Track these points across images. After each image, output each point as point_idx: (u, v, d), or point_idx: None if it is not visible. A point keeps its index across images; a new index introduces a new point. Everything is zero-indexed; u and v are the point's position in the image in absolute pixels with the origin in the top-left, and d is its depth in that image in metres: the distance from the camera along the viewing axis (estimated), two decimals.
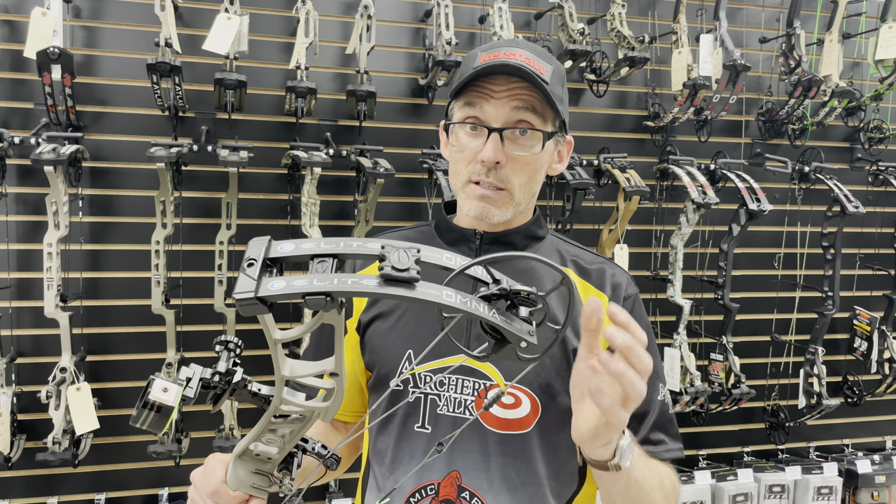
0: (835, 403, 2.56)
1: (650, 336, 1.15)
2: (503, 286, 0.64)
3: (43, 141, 1.97)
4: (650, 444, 1.09)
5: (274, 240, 0.63)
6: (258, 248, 0.61)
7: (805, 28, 2.61)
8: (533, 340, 0.64)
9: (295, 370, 0.70)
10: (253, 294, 0.57)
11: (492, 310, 0.63)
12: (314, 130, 2.32)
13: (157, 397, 0.75)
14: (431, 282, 0.60)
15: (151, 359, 2.16)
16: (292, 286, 0.57)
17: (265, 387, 0.80)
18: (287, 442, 0.80)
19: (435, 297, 0.59)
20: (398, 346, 1.10)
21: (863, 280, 2.83)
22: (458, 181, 1.10)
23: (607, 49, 2.48)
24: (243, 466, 0.84)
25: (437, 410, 1.07)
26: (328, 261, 0.61)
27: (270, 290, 0.57)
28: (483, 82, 1.05)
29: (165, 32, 1.96)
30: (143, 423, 0.76)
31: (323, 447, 0.85)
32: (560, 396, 1.08)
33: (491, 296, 0.64)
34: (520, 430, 1.07)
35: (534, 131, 1.06)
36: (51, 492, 2.15)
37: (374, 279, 0.58)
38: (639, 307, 1.16)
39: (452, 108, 1.12)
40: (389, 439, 1.10)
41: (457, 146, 1.09)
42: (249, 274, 0.58)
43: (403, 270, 0.58)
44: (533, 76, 1.02)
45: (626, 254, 2.40)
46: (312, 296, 0.57)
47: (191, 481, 0.89)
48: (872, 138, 2.82)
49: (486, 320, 0.62)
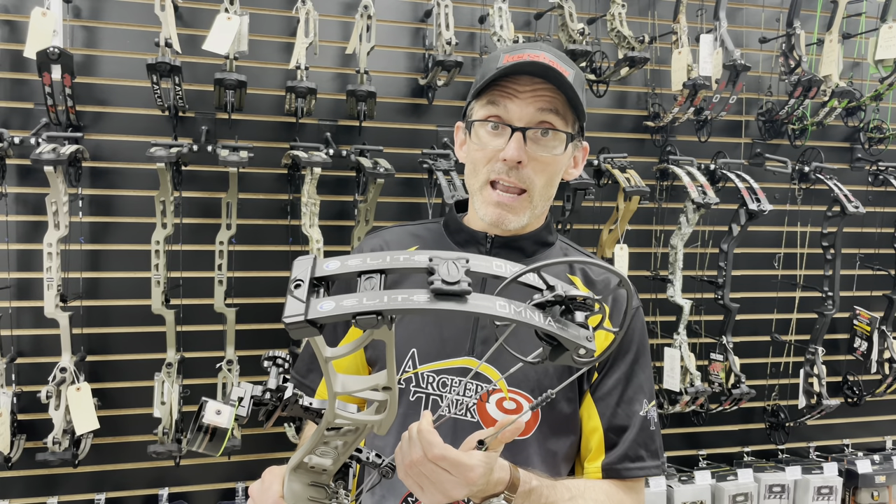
0: (835, 403, 2.56)
1: (642, 352, 1.15)
2: (558, 293, 0.63)
3: (43, 141, 1.97)
4: (628, 461, 1.09)
5: (318, 258, 0.62)
6: (304, 267, 0.60)
7: (805, 28, 2.61)
8: (591, 346, 0.62)
9: (347, 386, 0.69)
10: (303, 317, 0.56)
11: (547, 317, 0.61)
12: (314, 130, 2.32)
13: (211, 420, 0.74)
14: None
15: (151, 359, 2.15)
16: (342, 307, 0.56)
17: (316, 401, 0.80)
18: (341, 453, 0.80)
19: (489, 308, 0.57)
20: (402, 345, 1.10)
21: (863, 280, 2.83)
22: (477, 182, 1.09)
23: (607, 49, 2.48)
24: (298, 480, 0.84)
25: (438, 411, 1.07)
26: (376, 277, 0.59)
27: (320, 312, 0.56)
28: (506, 82, 1.05)
29: (165, 32, 1.96)
30: (199, 447, 0.76)
31: (377, 456, 0.87)
32: (560, 404, 1.09)
33: (545, 303, 0.63)
34: (519, 437, 1.07)
35: (556, 132, 1.06)
36: (51, 492, 2.15)
37: (425, 294, 0.56)
38: (637, 321, 1.16)
39: (472, 107, 1.11)
40: (388, 438, 1.10)
41: (477, 144, 1.08)
42: (298, 296, 0.57)
43: (454, 283, 0.56)
44: (560, 76, 1.02)
45: (626, 254, 2.40)
46: (363, 315, 0.55)
47: (249, 495, 0.90)
48: (872, 138, 2.82)
49: (542, 329, 0.60)
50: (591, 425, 1.11)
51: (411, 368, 1.09)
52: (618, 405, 1.10)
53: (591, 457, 1.11)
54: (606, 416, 1.10)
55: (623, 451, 1.09)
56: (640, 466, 1.10)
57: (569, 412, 1.10)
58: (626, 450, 1.09)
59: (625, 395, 1.11)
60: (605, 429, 1.09)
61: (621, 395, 1.11)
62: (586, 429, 1.11)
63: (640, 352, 1.14)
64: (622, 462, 1.09)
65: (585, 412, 1.11)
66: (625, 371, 1.12)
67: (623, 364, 1.12)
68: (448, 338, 1.07)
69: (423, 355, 1.08)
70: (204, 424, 0.74)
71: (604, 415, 1.10)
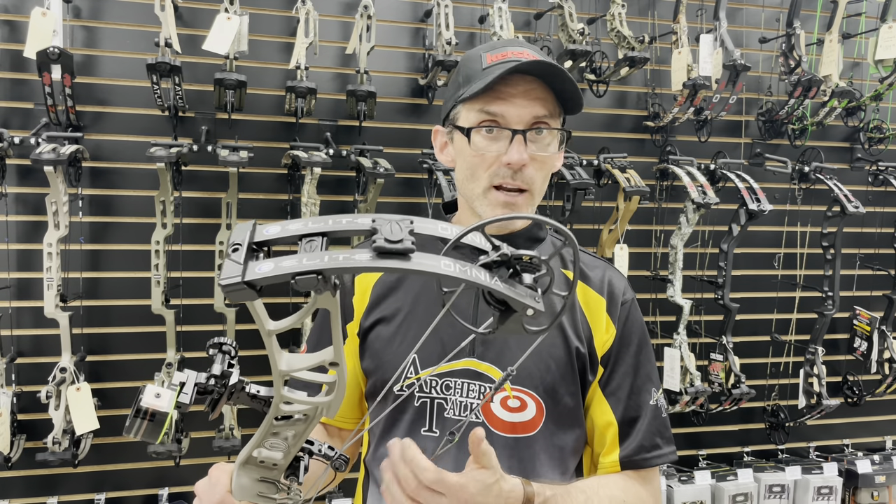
0: (835, 403, 2.56)
1: (644, 341, 1.15)
2: (504, 251, 0.60)
3: (43, 141, 1.97)
4: (644, 451, 1.10)
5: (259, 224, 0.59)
6: (243, 232, 0.58)
7: (805, 28, 2.61)
8: (539, 307, 0.60)
9: (292, 364, 0.66)
10: (240, 278, 0.53)
11: (493, 278, 0.59)
12: (314, 130, 2.32)
13: (149, 403, 0.71)
14: None
15: (151, 359, 2.15)
16: (281, 267, 0.53)
17: (263, 388, 0.76)
18: (292, 445, 0.76)
19: (432, 267, 0.55)
20: (402, 352, 1.09)
21: (863, 280, 2.83)
22: (478, 187, 1.07)
23: (607, 49, 2.48)
24: (248, 474, 0.80)
25: (444, 414, 1.07)
26: (317, 240, 0.57)
27: (258, 274, 0.53)
28: (497, 84, 1.03)
29: (165, 32, 1.96)
30: (136, 434, 0.72)
31: (330, 448, 0.83)
32: (564, 398, 1.08)
33: (492, 263, 0.60)
34: (525, 434, 1.07)
35: (550, 130, 1.06)
36: (51, 492, 2.15)
37: (367, 252, 0.54)
38: (635, 311, 1.16)
39: (458, 111, 1.08)
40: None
41: (475, 150, 1.06)
42: (235, 259, 0.55)
43: (397, 242, 0.54)
44: (561, 73, 1.01)
45: (626, 254, 2.40)
46: (303, 275, 0.53)
47: (195, 493, 0.87)
48: (872, 138, 2.82)
49: (489, 288, 0.58)
50: (605, 420, 1.11)
51: (413, 374, 1.08)
52: (629, 397, 1.11)
53: (607, 451, 1.11)
54: (619, 409, 1.11)
55: (639, 442, 1.10)
56: (657, 455, 1.11)
57: (572, 406, 1.10)
58: (642, 440, 1.10)
59: (634, 387, 1.12)
60: (620, 422, 1.10)
61: (631, 386, 1.12)
62: (600, 424, 1.11)
63: (643, 341, 1.15)
64: (639, 453, 1.09)
65: (598, 408, 1.12)
66: (631, 363, 1.13)
67: (628, 356, 1.13)
68: (448, 341, 1.07)
69: (424, 360, 1.08)
70: (142, 408, 0.71)
71: (616, 408, 1.11)
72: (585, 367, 1.10)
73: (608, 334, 1.12)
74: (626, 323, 1.14)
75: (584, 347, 1.10)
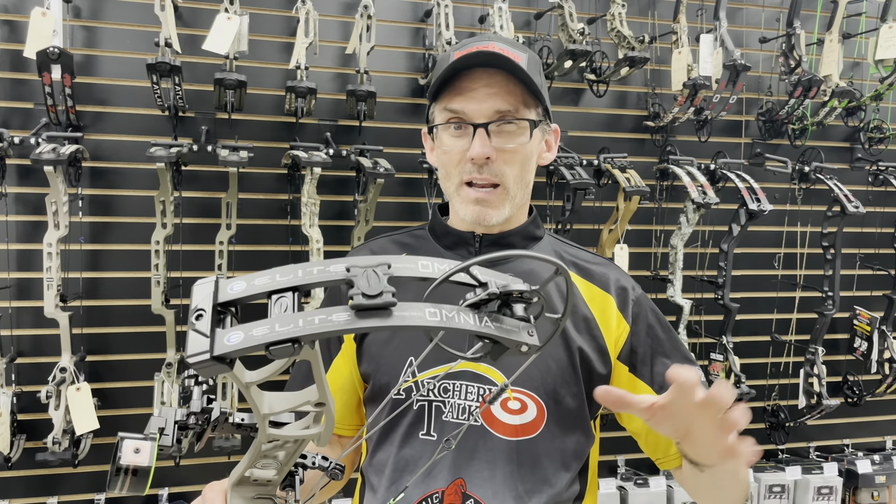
0: (835, 403, 2.55)
1: (667, 328, 1.16)
2: (492, 290, 0.56)
3: (43, 141, 1.96)
4: None
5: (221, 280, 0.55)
6: (204, 293, 0.52)
7: (805, 28, 2.61)
8: (533, 341, 0.57)
9: (274, 406, 0.63)
10: (209, 355, 0.48)
11: (483, 318, 0.55)
12: (314, 130, 2.32)
13: (129, 461, 0.68)
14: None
15: (151, 359, 2.15)
16: (252, 337, 0.49)
17: (248, 415, 0.73)
18: (284, 464, 0.73)
19: (416, 319, 0.51)
20: (399, 354, 1.08)
21: (863, 280, 2.83)
22: (451, 184, 1.09)
23: (607, 49, 2.48)
24: (242, 494, 0.77)
25: (443, 417, 1.06)
26: (288, 296, 0.53)
27: (228, 347, 0.49)
28: (460, 81, 1.04)
29: (165, 32, 1.96)
30: (120, 489, 0.69)
31: (324, 458, 0.81)
32: (566, 400, 1.07)
33: (479, 302, 0.56)
34: (525, 436, 1.05)
35: (518, 121, 1.05)
36: (51, 492, 2.15)
37: (345, 312, 0.50)
38: (647, 303, 1.16)
39: (433, 111, 1.10)
40: (392, 448, 1.08)
41: (443, 148, 1.07)
42: (200, 329, 0.50)
43: (375, 296, 0.50)
44: (510, 63, 1.01)
45: (626, 254, 2.40)
46: (277, 345, 0.49)
47: None
48: (872, 138, 2.82)
49: (478, 333, 0.54)
50: None
51: (411, 377, 1.07)
52: None
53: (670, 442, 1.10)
54: None
55: None
56: None
57: (575, 407, 1.08)
58: None
59: None
60: None
61: None
62: None
63: (666, 329, 1.16)
64: None
65: None
66: (667, 351, 1.14)
67: (662, 348, 1.14)
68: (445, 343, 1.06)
69: (421, 363, 1.06)
70: (122, 466, 0.68)
71: None
72: (590, 365, 1.09)
73: (619, 330, 1.11)
74: (642, 317, 1.14)
75: (589, 345, 1.09)
